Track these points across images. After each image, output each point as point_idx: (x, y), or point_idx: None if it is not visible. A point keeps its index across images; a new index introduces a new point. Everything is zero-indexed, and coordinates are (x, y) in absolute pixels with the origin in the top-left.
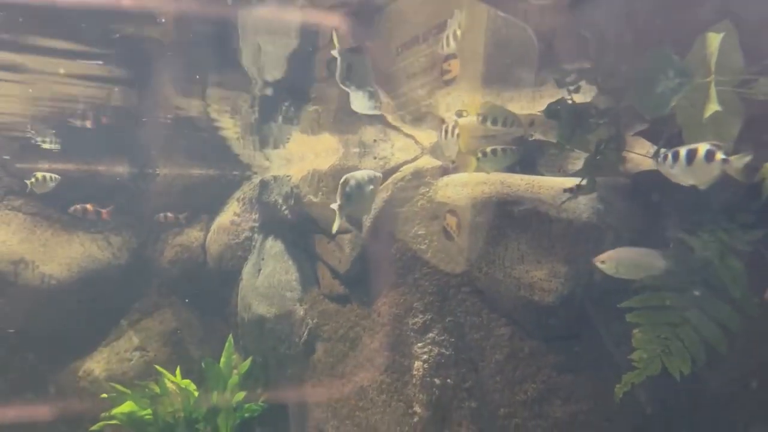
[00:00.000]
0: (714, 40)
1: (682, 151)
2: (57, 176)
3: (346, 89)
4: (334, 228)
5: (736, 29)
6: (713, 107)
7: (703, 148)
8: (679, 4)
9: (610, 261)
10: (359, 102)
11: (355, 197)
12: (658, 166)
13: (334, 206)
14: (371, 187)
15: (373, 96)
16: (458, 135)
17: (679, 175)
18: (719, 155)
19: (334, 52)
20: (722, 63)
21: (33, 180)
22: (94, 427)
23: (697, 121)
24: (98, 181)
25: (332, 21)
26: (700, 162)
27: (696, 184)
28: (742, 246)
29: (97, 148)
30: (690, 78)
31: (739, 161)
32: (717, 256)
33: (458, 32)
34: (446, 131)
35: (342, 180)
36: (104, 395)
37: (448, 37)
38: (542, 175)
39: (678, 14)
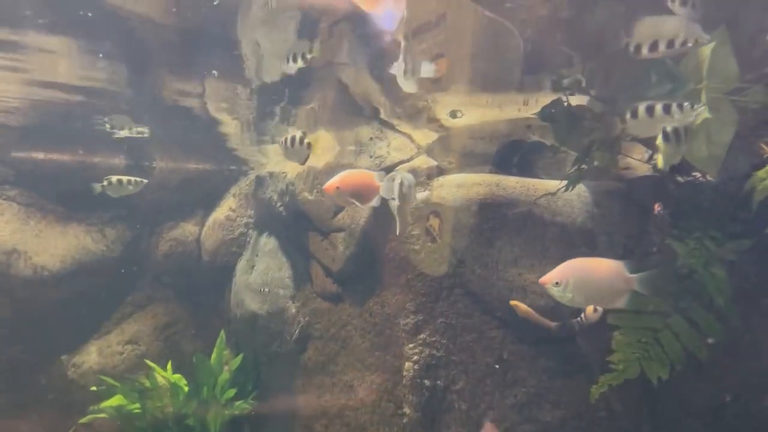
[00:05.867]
0: (706, 47)
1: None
2: (139, 179)
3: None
4: (399, 229)
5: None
6: (704, 114)
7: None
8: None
9: None
10: (407, 81)
11: (406, 197)
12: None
13: (394, 205)
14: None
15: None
16: (308, 144)
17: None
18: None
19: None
20: (716, 70)
21: (105, 183)
22: (82, 420)
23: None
24: (94, 173)
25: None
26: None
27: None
28: (727, 255)
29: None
30: (683, 84)
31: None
32: (701, 264)
33: (308, 55)
34: (293, 141)
35: (394, 179)
36: (94, 388)
37: (295, 55)
38: (539, 177)
39: None
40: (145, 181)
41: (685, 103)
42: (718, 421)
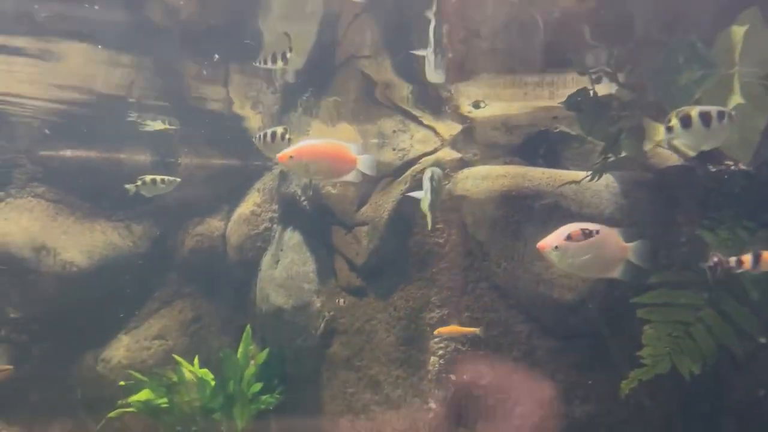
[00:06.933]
0: (739, 30)
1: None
2: (172, 178)
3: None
4: (429, 224)
5: None
6: (737, 99)
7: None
8: None
9: None
10: (435, 72)
11: (437, 191)
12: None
13: (425, 202)
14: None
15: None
16: (289, 139)
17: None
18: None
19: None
20: (749, 53)
21: (139, 183)
22: (111, 414)
23: None
24: (120, 169)
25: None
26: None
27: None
28: (761, 245)
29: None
30: (715, 69)
31: None
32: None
33: (288, 54)
34: (273, 136)
35: (428, 174)
36: (122, 383)
37: (274, 55)
38: (566, 168)
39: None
40: (178, 179)
41: None
42: (753, 416)
